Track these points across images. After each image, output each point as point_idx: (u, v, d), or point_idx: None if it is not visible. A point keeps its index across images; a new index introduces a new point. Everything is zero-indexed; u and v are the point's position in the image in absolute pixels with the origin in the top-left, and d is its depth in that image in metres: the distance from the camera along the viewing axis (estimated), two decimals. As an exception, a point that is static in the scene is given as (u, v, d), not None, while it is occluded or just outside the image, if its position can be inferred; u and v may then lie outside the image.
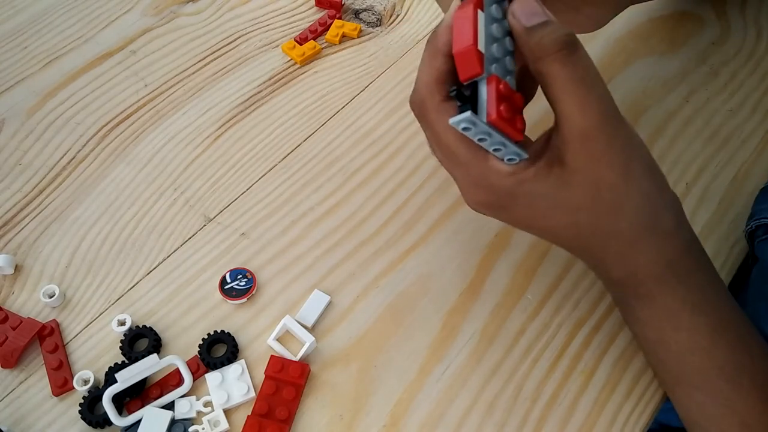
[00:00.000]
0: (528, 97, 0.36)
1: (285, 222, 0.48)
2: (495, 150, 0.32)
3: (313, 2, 0.62)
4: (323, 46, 0.59)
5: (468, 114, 0.30)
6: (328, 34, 0.59)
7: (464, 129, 0.31)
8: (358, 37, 0.59)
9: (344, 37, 0.59)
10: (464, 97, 0.32)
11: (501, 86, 0.31)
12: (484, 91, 0.31)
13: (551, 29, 0.31)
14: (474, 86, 0.32)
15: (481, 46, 0.31)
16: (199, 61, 0.58)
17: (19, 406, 0.41)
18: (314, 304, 0.44)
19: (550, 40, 0.31)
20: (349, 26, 0.59)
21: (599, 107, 0.31)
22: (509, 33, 0.33)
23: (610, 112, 0.32)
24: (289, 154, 0.52)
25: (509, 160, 0.33)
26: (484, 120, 0.30)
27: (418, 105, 0.34)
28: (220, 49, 0.59)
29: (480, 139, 0.31)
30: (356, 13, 0.61)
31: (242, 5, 0.62)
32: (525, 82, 0.35)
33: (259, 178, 0.50)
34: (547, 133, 0.34)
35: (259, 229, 0.48)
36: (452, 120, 0.31)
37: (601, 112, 0.31)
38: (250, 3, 0.62)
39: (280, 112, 0.54)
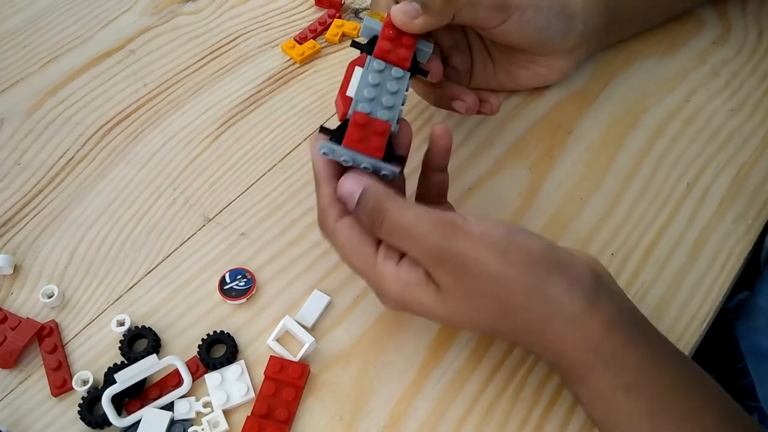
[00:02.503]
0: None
1: (285, 222, 0.48)
2: (365, 169, 0.37)
3: (313, 1, 0.62)
4: (323, 45, 0.59)
5: (322, 141, 0.37)
6: (328, 34, 0.59)
7: (324, 154, 0.37)
8: (358, 36, 0.59)
9: (344, 37, 0.59)
10: (331, 131, 0.38)
11: (358, 117, 0.37)
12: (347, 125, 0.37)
13: (359, 213, 0.36)
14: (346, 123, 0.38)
15: (351, 93, 0.38)
16: (199, 60, 0.58)
17: (18, 407, 0.40)
18: (314, 304, 0.44)
19: (366, 221, 0.35)
20: (348, 25, 0.59)
21: (432, 237, 0.34)
22: (397, 77, 0.39)
23: (446, 233, 0.34)
24: (288, 153, 0.52)
25: (384, 176, 0.37)
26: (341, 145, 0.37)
27: (322, 227, 0.39)
28: (219, 48, 0.59)
29: (344, 161, 0.37)
30: (356, 12, 0.61)
31: (242, 4, 0.62)
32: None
33: (259, 178, 0.50)
34: None
35: (259, 229, 0.48)
36: (317, 149, 0.37)
37: (437, 238, 0.34)
38: (249, 2, 0.62)
39: (279, 111, 0.54)
